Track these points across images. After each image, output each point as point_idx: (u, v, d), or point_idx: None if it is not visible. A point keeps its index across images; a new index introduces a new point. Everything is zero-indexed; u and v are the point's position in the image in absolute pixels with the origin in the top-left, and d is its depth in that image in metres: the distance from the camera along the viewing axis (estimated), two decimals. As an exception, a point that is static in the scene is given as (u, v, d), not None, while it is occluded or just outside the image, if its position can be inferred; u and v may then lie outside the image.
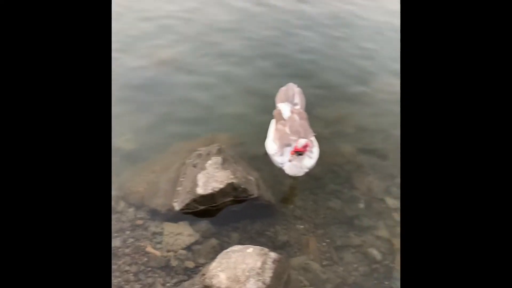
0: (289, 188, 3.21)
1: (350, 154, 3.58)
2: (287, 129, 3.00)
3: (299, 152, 2.75)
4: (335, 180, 3.31)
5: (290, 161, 2.81)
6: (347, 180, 3.33)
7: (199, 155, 3.01)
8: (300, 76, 4.33)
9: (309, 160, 2.95)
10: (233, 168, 2.88)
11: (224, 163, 2.88)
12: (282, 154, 2.93)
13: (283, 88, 3.46)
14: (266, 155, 3.13)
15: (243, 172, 2.92)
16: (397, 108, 4.19)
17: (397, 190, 3.28)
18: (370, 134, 3.84)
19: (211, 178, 2.77)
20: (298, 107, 3.32)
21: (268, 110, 3.46)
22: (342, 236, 2.88)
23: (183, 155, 3.19)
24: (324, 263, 2.71)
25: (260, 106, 3.85)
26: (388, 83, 4.53)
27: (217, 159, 2.90)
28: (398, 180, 3.37)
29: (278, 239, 2.79)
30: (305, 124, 3.11)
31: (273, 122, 3.27)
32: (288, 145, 2.90)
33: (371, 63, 4.87)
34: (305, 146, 2.76)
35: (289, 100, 3.36)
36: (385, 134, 3.85)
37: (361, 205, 3.13)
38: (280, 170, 2.99)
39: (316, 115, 3.86)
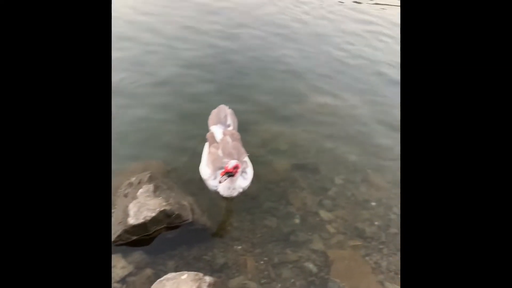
0: (225, 210, 3.22)
1: (284, 170, 3.68)
2: (219, 152, 3.01)
3: (229, 173, 2.78)
4: (271, 198, 3.37)
5: (220, 182, 2.82)
6: (283, 196, 3.40)
7: (130, 184, 2.96)
8: (233, 98, 4.41)
9: (243, 181, 2.99)
10: (165, 194, 2.86)
11: (156, 191, 2.85)
12: (215, 178, 2.93)
13: (214, 111, 3.50)
14: (201, 179, 3.13)
15: (176, 198, 2.90)
16: (329, 120, 4.40)
17: (330, 202, 3.41)
18: (303, 149, 3.97)
19: (142, 207, 2.72)
20: (231, 128, 3.36)
21: (202, 134, 3.48)
22: (279, 253, 2.93)
23: (114, 186, 3.11)
24: (262, 281, 2.74)
25: (193, 130, 3.87)
26: (317, 101, 4.72)
27: (149, 186, 2.87)
28: (330, 193, 3.50)
29: (216, 262, 2.78)
30: (238, 145, 3.13)
31: (206, 145, 3.27)
32: (221, 168, 2.91)
33: (303, 83, 5.07)
34: (235, 167, 2.79)
35: (222, 122, 3.39)
36: (317, 148, 3.99)
37: (297, 221, 3.21)
38: (216, 194, 3.00)
39: (251, 135, 3.95)
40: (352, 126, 4.41)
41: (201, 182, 3.13)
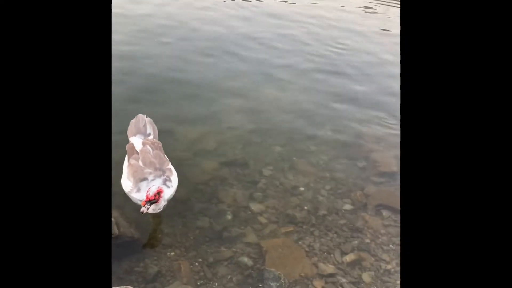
0: (153, 219, 3.16)
1: (213, 170, 3.67)
2: (140, 163, 2.91)
3: (151, 201, 2.68)
4: (201, 199, 3.35)
5: (143, 212, 2.69)
6: (213, 195, 3.40)
7: None
8: (150, 104, 4.32)
9: (168, 190, 2.90)
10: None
11: None
12: (139, 190, 2.82)
13: (132, 121, 3.36)
14: (124, 193, 3.01)
15: (99, 213, 2.78)
16: (252, 116, 4.44)
17: (260, 194, 3.46)
18: (229, 147, 3.98)
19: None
20: (151, 137, 3.26)
21: (121, 145, 3.36)
22: (213, 252, 2.92)
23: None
24: (199, 283, 2.72)
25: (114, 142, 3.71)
26: (233, 102, 4.72)
27: None
28: (260, 185, 3.56)
29: (148, 272, 2.71)
30: (160, 153, 3.04)
31: (126, 157, 3.15)
32: (144, 179, 2.82)
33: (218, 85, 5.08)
34: (158, 193, 2.71)
35: (141, 131, 3.28)
36: (244, 143, 4.03)
37: (229, 217, 3.22)
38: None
39: (175, 140, 3.89)
40: (274, 117, 4.51)
41: (124, 195, 3.02)
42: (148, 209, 2.68)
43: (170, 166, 3.07)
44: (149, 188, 2.71)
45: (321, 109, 4.76)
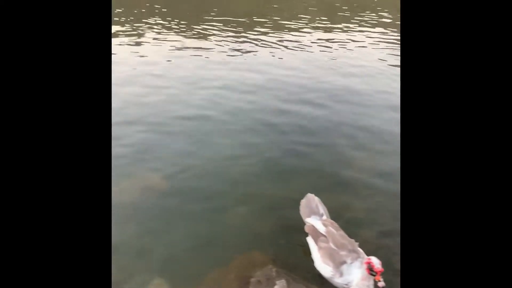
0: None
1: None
2: (331, 245, 2.85)
3: (374, 272, 2.55)
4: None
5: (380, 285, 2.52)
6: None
7: (258, 282, 2.82)
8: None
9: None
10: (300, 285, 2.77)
11: (290, 285, 2.73)
12: (341, 275, 2.72)
13: (303, 201, 3.35)
14: (320, 276, 2.92)
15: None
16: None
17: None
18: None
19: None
20: (324, 217, 3.20)
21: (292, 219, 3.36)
22: None
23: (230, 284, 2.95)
24: None
25: (284, 219, 3.64)
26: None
27: (281, 282, 2.73)
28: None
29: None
30: (344, 234, 2.96)
31: (310, 240, 3.09)
32: (343, 262, 2.75)
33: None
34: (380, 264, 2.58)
35: (314, 212, 3.24)
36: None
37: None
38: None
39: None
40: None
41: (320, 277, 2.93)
42: (369, 279, 2.59)
43: (358, 247, 2.92)
44: (369, 262, 2.57)
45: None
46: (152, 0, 13.46)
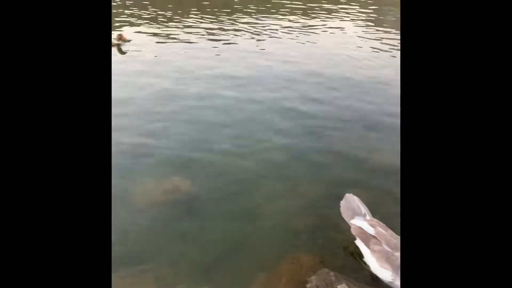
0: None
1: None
2: (385, 247, 2.76)
3: None
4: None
5: None
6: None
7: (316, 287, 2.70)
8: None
9: None
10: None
11: None
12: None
13: (343, 203, 3.19)
14: (377, 279, 2.81)
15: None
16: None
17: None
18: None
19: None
20: (368, 217, 3.07)
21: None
22: None
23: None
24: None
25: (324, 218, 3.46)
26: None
27: (343, 287, 2.65)
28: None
29: None
30: (393, 233, 2.85)
31: (360, 242, 2.96)
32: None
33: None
34: None
35: (357, 213, 3.09)
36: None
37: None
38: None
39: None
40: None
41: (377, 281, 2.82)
42: None
43: None
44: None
45: None
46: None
